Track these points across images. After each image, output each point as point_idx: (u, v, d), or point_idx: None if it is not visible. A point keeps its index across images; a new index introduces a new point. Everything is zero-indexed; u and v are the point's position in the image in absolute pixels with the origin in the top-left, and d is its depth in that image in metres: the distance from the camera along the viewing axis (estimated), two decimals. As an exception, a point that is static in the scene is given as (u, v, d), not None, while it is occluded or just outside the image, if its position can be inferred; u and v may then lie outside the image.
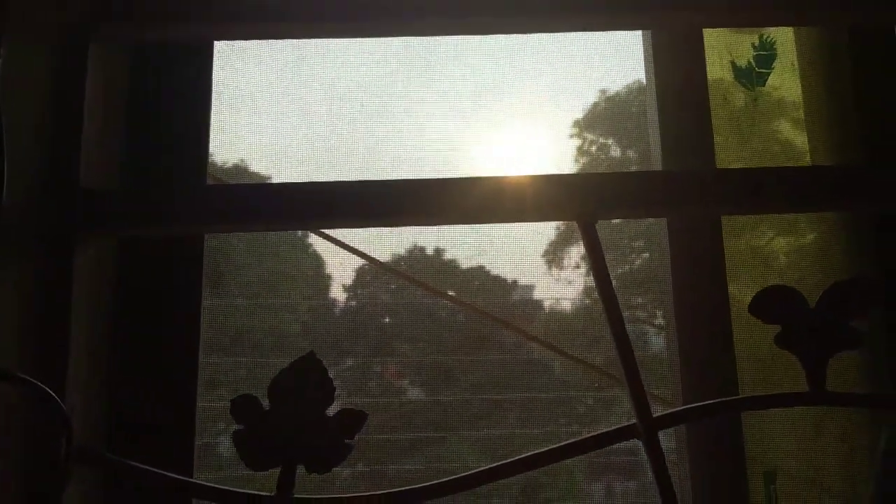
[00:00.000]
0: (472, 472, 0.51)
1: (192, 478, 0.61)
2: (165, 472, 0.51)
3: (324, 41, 0.87)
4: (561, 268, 1.22)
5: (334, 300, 1.24)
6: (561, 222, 1.14)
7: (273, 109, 0.99)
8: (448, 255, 1.22)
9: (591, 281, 1.25)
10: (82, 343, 0.55)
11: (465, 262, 1.22)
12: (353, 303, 1.26)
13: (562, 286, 1.20)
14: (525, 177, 0.56)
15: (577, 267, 1.25)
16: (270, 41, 0.73)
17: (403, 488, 0.52)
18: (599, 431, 0.53)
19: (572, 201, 0.55)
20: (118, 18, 0.57)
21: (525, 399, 1.15)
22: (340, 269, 1.19)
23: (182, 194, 0.56)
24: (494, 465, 0.51)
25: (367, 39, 0.67)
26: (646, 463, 0.73)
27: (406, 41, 1.00)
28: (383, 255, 1.17)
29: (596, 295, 1.25)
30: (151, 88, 0.63)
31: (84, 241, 0.55)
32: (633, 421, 0.52)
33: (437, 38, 0.71)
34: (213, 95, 0.67)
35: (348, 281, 1.24)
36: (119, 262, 0.62)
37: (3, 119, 0.46)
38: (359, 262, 1.21)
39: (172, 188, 0.60)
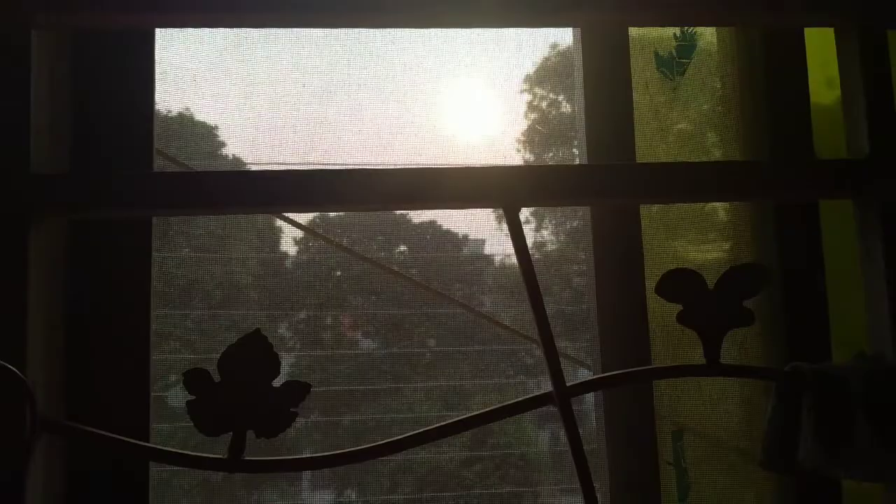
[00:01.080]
0: (396, 439, 0.57)
1: (148, 433, 0.66)
2: (123, 438, 0.55)
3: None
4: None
5: (285, 252, 1.25)
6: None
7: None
8: (401, 210, 1.24)
9: (540, 236, 1.29)
10: (40, 319, 0.58)
11: (417, 217, 1.25)
12: (304, 256, 1.27)
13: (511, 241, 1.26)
14: (458, 168, 0.61)
15: (527, 222, 1.28)
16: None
17: (338, 452, 0.58)
18: (519, 399, 0.59)
19: (499, 190, 0.60)
20: (58, 6, 0.59)
21: (475, 352, 1.20)
22: (289, 223, 1.19)
23: (128, 180, 0.59)
24: (417, 431, 0.57)
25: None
26: (590, 411, 0.81)
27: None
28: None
29: (545, 249, 1.29)
30: (96, 74, 0.65)
31: (37, 223, 0.58)
32: (550, 390, 0.58)
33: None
34: (157, 75, 0.69)
35: (299, 233, 1.25)
36: (70, 236, 0.65)
37: None
38: (310, 215, 1.24)
39: (119, 174, 0.63)
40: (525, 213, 1.33)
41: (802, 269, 0.73)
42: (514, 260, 1.30)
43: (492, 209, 1.19)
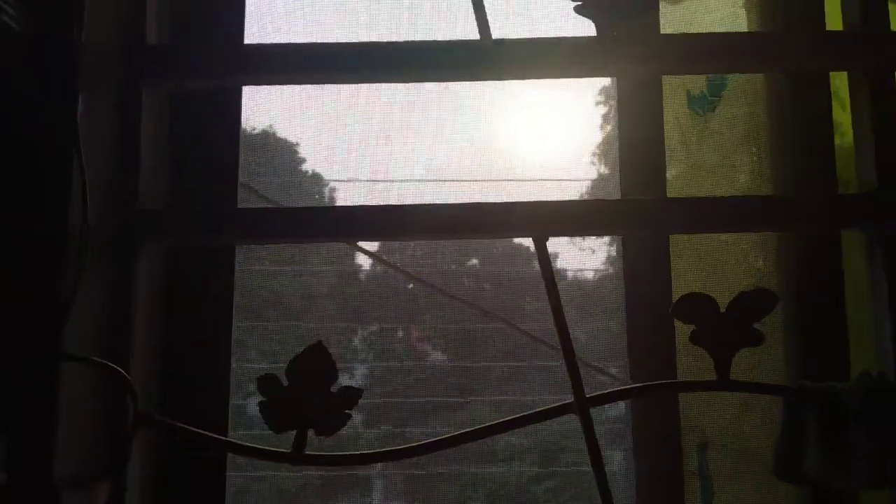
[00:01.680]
0: (427, 441, 0.65)
1: (226, 435, 0.76)
2: (206, 432, 0.66)
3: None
4: (584, 237, 1.20)
5: (360, 265, 1.28)
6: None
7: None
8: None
9: (613, 251, 1.31)
10: (142, 330, 0.70)
11: (487, 238, 1.21)
12: (378, 268, 1.29)
13: (585, 255, 1.23)
14: (496, 203, 0.70)
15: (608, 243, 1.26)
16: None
17: (392, 448, 0.66)
18: (542, 408, 0.67)
19: (530, 222, 0.69)
20: (160, 71, 0.71)
21: (545, 367, 1.20)
22: (359, 251, 1.21)
23: (216, 216, 0.70)
24: (443, 436, 0.65)
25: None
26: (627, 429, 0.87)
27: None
28: None
29: (619, 264, 1.32)
30: (192, 123, 0.77)
31: (141, 250, 0.70)
32: (571, 399, 0.66)
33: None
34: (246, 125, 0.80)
35: (374, 246, 1.27)
36: (167, 259, 0.77)
37: (83, 154, 0.61)
38: None
39: (211, 210, 0.74)
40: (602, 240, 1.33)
41: (824, 293, 0.78)
42: (587, 275, 1.32)
43: None
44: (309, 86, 1.10)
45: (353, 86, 1.03)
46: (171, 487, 0.74)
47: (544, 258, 0.68)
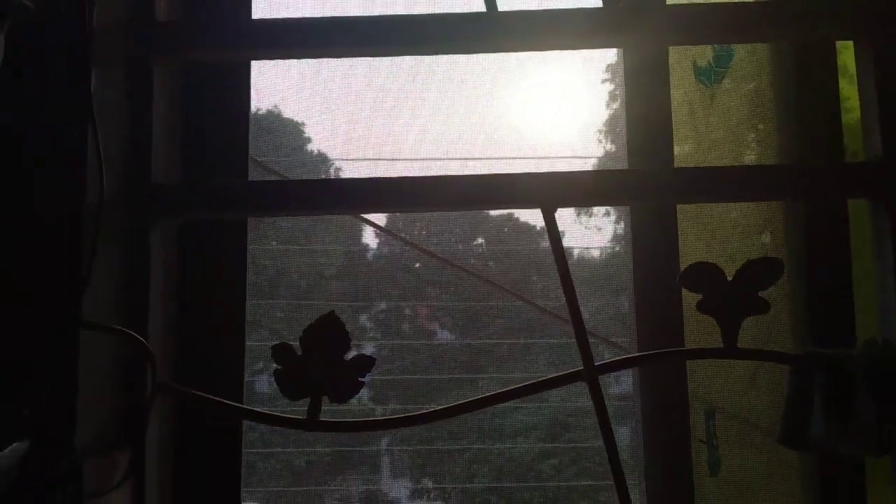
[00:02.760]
0: (441, 407, 0.66)
1: (242, 397, 0.77)
2: (223, 400, 0.67)
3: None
4: (590, 215, 1.30)
5: (367, 245, 1.32)
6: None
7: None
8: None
9: (619, 228, 1.29)
10: (157, 302, 0.71)
11: (495, 210, 1.27)
12: (385, 248, 1.34)
13: (591, 233, 1.27)
14: (504, 175, 0.70)
15: (607, 214, 1.31)
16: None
17: (405, 415, 0.68)
18: (551, 375, 0.68)
19: (538, 193, 0.69)
20: (170, 46, 0.72)
21: (551, 345, 1.24)
22: (373, 215, 1.27)
23: (228, 188, 0.71)
24: (452, 404, 0.66)
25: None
26: (638, 406, 0.88)
27: None
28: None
29: (625, 242, 1.33)
30: (202, 98, 0.78)
31: (155, 224, 0.71)
32: (580, 367, 0.67)
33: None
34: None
35: (382, 224, 1.31)
36: (180, 233, 0.78)
37: (98, 135, 0.62)
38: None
39: (220, 182, 0.75)
40: (605, 207, 1.34)
41: (830, 262, 0.78)
42: (593, 254, 1.31)
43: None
44: (313, 66, 1.11)
45: (361, 66, 1.04)
46: (189, 456, 0.75)
47: (552, 229, 0.68)
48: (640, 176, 0.72)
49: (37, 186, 0.60)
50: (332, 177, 1.32)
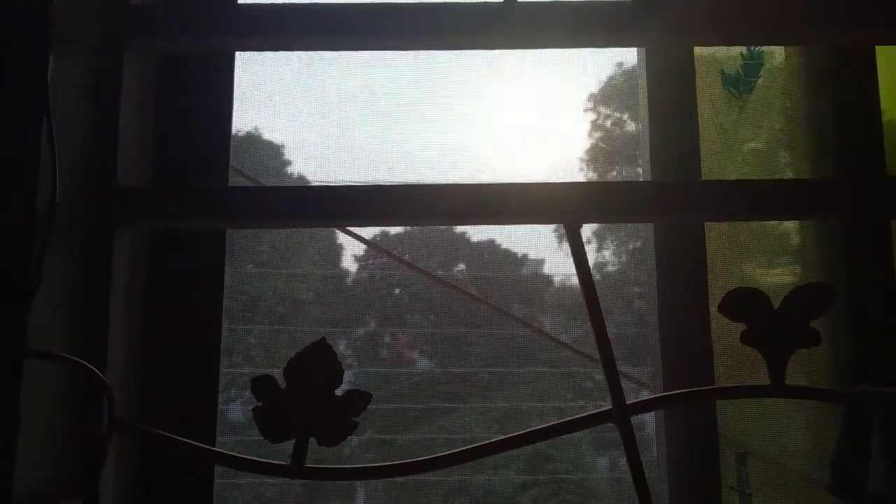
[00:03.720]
0: (454, 451, 0.57)
1: (214, 442, 0.68)
2: (191, 442, 0.57)
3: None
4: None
5: (346, 270, 1.25)
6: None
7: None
8: (459, 229, 1.23)
9: (602, 256, 1.27)
10: (120, 324, 0.61)
11: (476, 236, 1.24)
12: (365, 273, 1.28)
13: (572, 261, 1.26)
14: (519, 184, 0.62)
15: (588, 242, 1.24)
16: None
17: (402, 461, 0.59)
18: (578, 416, 0.59)
19: (560, 207, 0.61)
20: (145, 31, 0.63)
21: (534, 374, 1.17)
22: (352, 239, 1.20)
23: (204, 193, 0.62)
24: (476, 445, 0.57)
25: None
26: (651, 438, 0.80)
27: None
28: (395, 228, 1.20)
29: (606, 270, 1.28)
30: (178, 95, 0.69)
31: (121, 232, 0.62)
32: (609, 407, 0.58)
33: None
34: (236, 96, 0.72)
35: (360, 251, 1.25)
36: (150, 249, 0.69)
37: (54, 124, 0.52)
38: (371, 231, 1.24)
39: (198, 187, 0.66)
40: (586, 234, 1.32)
41: (872, 289, 0.71)
42: (574, 281, 1.28)
43: (552, 228, 1.18)
44: (301, 85, 1.04)
45: (343, 83, 0.96)
46: (153, 501, 0.65)
47: (578, 248, 0.60)
48: (674, 188, 0.64)
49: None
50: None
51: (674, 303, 0.73)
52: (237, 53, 0.73)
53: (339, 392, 0.57)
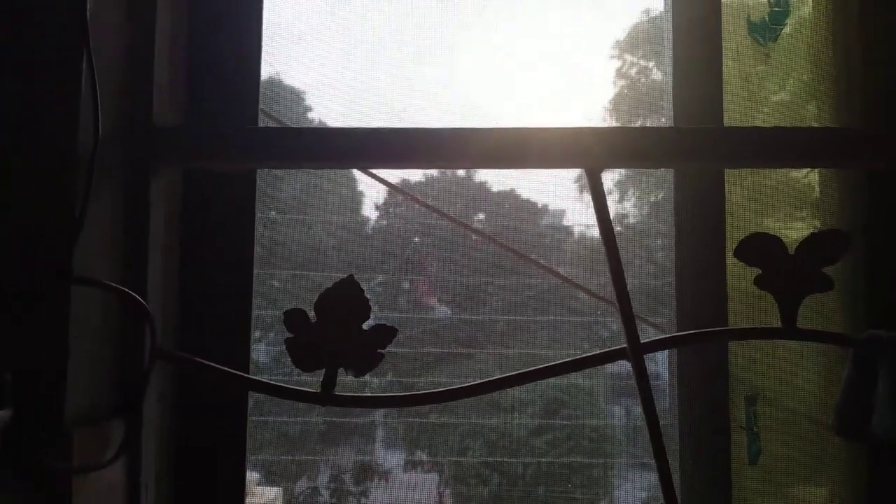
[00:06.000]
0: (466, 384, 0.60)
1: (248, 366, 0.70)
2: (227, 369, 0.61)
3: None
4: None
5: (366, 217, 1.29)
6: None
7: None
8: (479, 178, 1.26)
9: (623, 208, 1.28)
10: (158, 259, 0.64)
11: (497, 185, 1.26)
12: (384, 221, 1.32)
13: (592, 212, 1.26)
14: (542, 128, 0.62)
15: (609, 193, 1.31)
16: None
17: (424, 391, 0.62)
18: (594, 352, 0.61)
19: (582, 152, 0.62)
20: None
21: (551, 322, 1.21)
22: (373, 186, 1.24)
23: (235, 133, 0.64)
24: (483, 380, 0.60)
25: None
26: (664, 388, 0.83)
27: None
28: (416, 175, 1.23)
29: (627, 222, 1.28)
30: (210, 34, 0.70)
31: (157, 171, 0.64)
32: (624, 345, 0.60)
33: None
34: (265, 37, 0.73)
35: (380, 199, 1.29)
36: (184, 190, 0.71)
37: (94, 65, 0.54)
38: (389, 178, 1.27)
39: (229, 128, 0.68)
40: (608, 184, 1.32)
41: (889, 239, 0.72)
42: (592, 232, 1.30)
43: (574, 178, 1.19)
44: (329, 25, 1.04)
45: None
46: (190, 429, 0.69)
47: (599, 192, 0.61)
48: (695, 134, 0.65)
49: (25, 121, 0.52)
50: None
51: (692, 253, 0.75)
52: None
53: (365, 327, 0.60)
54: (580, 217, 1.24)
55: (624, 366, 0.88)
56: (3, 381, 0.50)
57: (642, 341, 0.60)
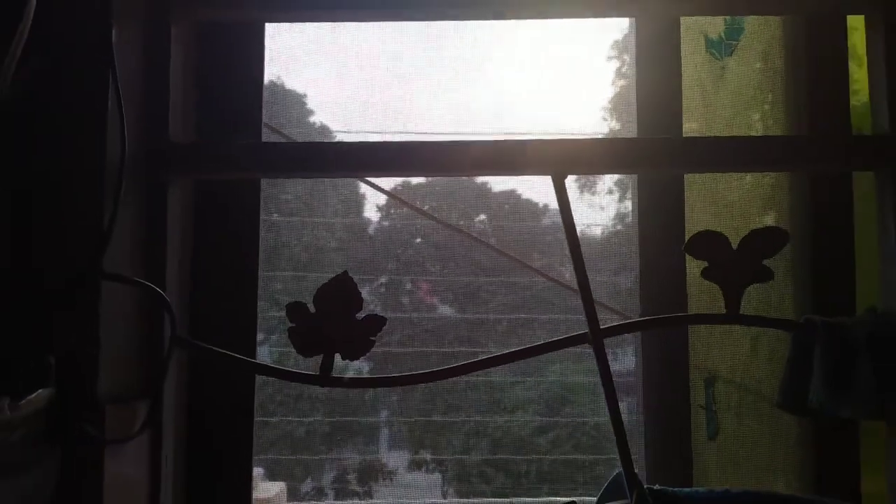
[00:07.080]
0: (447, 367, 0.68)
1: (254, 353, 0.78)
2: (236, 355, 0.69)
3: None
4: (594, 193, 1.29)
5: (369, 219, 1.32)
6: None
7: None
8: (480, 179, 1.29)
9: (623, 207, 1.27)
10: (175, 261, 0.73)
11: (498, 186, 1.29)
12: (387, 223, 1.35)
13: (594, 211, 1.27)
14: (515, 141, 0.71)
15: (610, 192, 1.31)
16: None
17: (416, 372, 0.69)
18: (557, 338, 0.69)
19: (549, 160, 0.71)
20: (188, 5, 0.73)
21: (550, 321, 1.24)
22: (374, 188, 1.25)
23: (244, 148, 0.73)
24: (459, 364, 0.68)
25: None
26: (636, 385, 0.90)
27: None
28: (418, 178, 1.26)
29: (627, 221, 1.32)
30: (217, 60, 0.79)
31: (173, 181, 0.73)
32: (586, 331, 0.68)
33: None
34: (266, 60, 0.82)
35: (381, 201, 1.32)
36: (196, 196, 0.79)
37: (119, 93, 0.63)
38: (392, 182, 1.29)
39: (236, 144, 0.76)
40: (609, 184, 1.35)
41: (833, 234, 0.80)
42: (594, 231, 1.33)
43: (574, 177, 1.23)
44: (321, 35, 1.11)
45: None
46: (202, 411, 0.77)
47: (563, 196, 0.70)
48: (650, 144, 0.73)
49: (63, 141, 0.61)
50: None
51: (654, 242, 0.83)
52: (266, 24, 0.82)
53: (359, 316, 0.68)
54: (580, 217, 1.21)
55: (625, 364, 0.96)
56: (47, 364, 0.59)
57: (602, 327, 0.68)
